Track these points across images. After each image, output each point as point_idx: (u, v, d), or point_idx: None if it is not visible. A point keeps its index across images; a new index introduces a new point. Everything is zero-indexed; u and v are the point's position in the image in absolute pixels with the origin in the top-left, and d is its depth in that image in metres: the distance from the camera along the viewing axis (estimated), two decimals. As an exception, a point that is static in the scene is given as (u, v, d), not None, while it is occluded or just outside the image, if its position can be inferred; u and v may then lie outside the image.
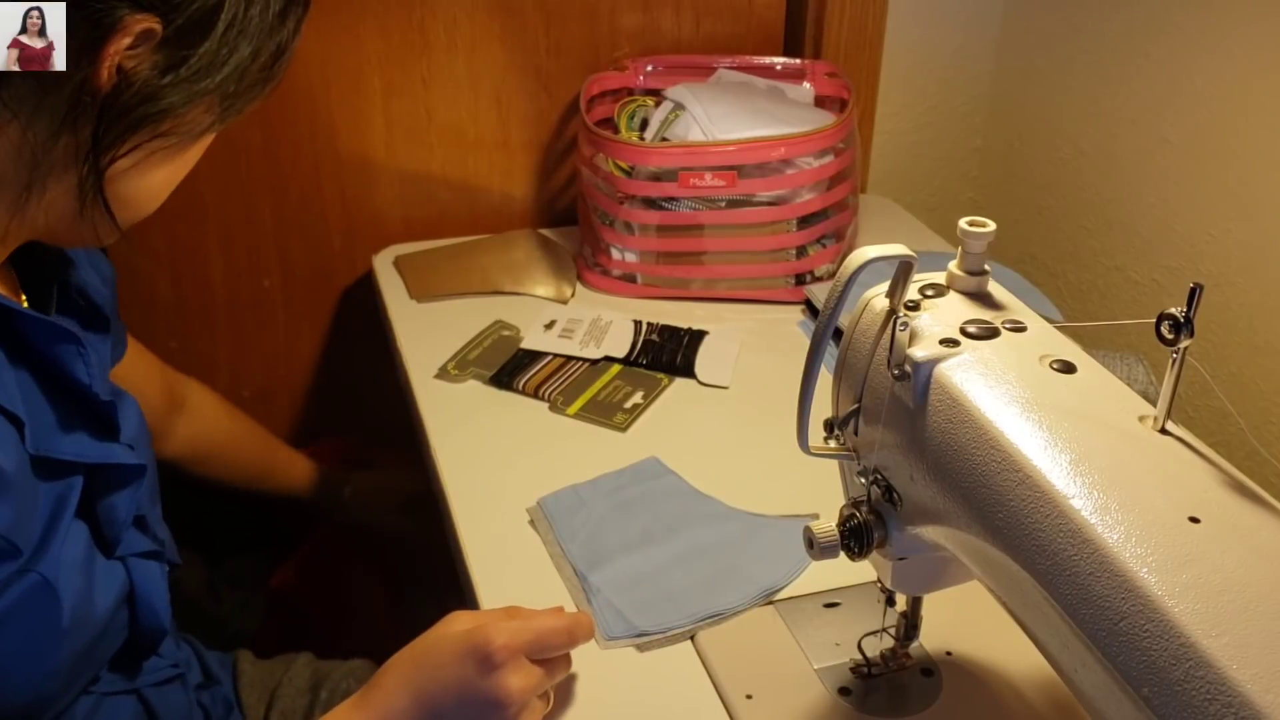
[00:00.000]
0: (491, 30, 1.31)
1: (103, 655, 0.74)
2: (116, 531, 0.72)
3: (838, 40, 1.40)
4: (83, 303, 0.77)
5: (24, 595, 0.64)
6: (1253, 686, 0.44)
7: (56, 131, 0.60)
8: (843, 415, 0.68)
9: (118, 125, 0.61)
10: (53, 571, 0.65)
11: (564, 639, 0.72)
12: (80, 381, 0.68)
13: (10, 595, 0.63)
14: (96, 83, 0.59)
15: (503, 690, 0.67)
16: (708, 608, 0.82)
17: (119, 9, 0.58)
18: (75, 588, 0.67)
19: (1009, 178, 1.53)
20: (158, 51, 0.61)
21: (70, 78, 0.59)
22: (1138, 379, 1.02)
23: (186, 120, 0.65)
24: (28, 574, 0.64)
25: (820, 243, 1.25)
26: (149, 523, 0.78)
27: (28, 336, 0.66)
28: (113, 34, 0.58)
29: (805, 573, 0.85)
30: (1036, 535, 0.53)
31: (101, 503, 0.71)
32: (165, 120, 0.63)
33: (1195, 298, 0.54)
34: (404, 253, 1.34)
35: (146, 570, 0.76)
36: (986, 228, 0.63)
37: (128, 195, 0.66)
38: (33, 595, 0.64)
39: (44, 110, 0.60)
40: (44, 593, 0.65)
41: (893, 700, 0.75)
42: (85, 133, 0.61)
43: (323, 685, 0.96)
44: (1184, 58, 1.21)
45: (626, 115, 1.30)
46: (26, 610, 0.64)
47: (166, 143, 0.65)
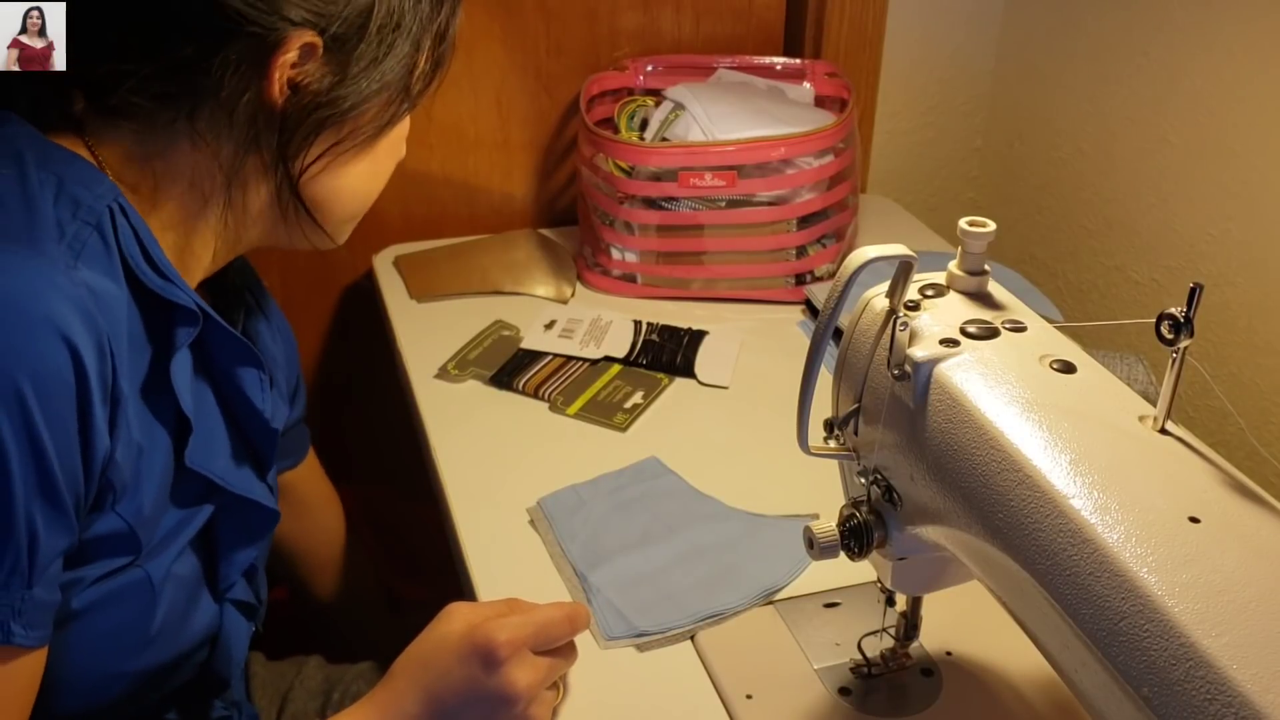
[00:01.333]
0: (491, 30, 1.31)
1: (169, 685, 0.75)
2: (231, 574, 0.74)
3: (838, 40, 1.40)
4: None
5: (126, 587, 0.66)
6: (1253, 686, 0.44)
7: (245, 147, 0.65)
8: (843, 415, 0.68)
9: (298, 134, 0.66)
10: (160, 576, 0.67)
11: (565, 628, 0.72)
12: (254, 405, 0.71)
13: (115, 582, 0.65)
14: (270, 98, 0.64)
15: (510, 686, 0.67)
16: (708, 608, 0.82)
17: (279, 27, 0.62)
18: (173, 602, 0.69)
19: (1009, 178, 1.53)
20: (322, 60, 0.65)
21: (247, 97, 0.63)
22: (1138, 379, 1.02)
23: (365, 119, 0.69)
24: (136, 568, 0.66)
25: (820, 243, 1.25)
26: (257, 578, 0.80)
27: (213, 348, 0.69)
28: (277, 51, 0.62)
29: (805, 573, 0.85)
30: (1036, 535, 0.53)
31: (225, 542, 0.73)
32: (343, 123, 0.68)
33: (1195, 298, 0.54)
34: (404, 253, 1.34)
35: (237, 622, 0.77)
36: (986, 228, 0.63)
37: (326, 197, 0.70)
38: (135, 590, 0.66)
39: (230, 131, 0.64)
40: (145, 591, 0.67)
41: (893, 700, 0.75)
42: (271, 146, 0.65)
43: (335, 688, 0.96)
44: (1184, 57, 1.21)
45: (626, 115, 1.30)
46: (123, 602, 0.66)
47: (353, 143, 0.69)
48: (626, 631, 0.80)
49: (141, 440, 0.64)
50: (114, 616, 0.66)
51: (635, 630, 0.80)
